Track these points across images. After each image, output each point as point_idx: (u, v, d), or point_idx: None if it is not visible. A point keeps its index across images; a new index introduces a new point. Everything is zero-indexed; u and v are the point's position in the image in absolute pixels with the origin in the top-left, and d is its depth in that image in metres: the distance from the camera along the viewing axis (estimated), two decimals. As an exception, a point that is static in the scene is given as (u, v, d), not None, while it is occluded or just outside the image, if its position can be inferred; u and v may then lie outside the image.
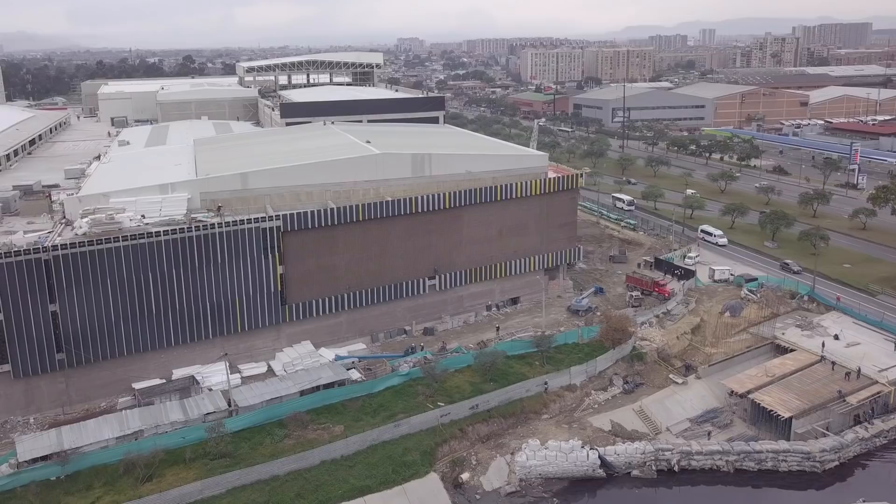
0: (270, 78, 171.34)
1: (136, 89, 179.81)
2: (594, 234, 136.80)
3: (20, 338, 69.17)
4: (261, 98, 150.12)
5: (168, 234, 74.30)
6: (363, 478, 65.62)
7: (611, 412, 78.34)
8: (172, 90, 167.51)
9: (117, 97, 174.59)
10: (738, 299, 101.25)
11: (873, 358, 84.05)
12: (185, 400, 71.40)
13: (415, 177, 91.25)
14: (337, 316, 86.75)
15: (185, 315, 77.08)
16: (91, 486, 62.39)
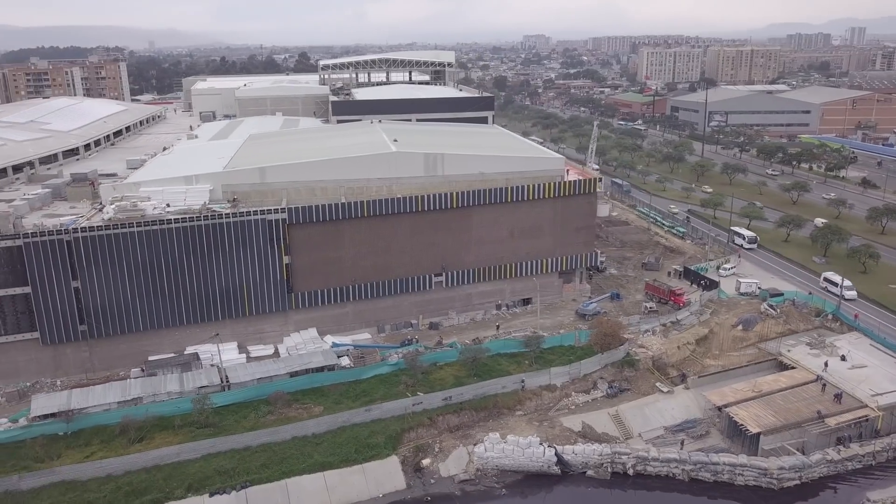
0: (346, 75, 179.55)
1: (227, 85, 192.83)
2: (640, 240, 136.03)
3: (46, 309, 79.09)
4: (331, 95, 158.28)
5: (180, 222, 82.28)
6: (326, 455, 70.83)
7: (585, 414, 79.70)
8: (253, 87, 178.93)
9: (208, 93, 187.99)
10: (757, 313, 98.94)
11: (874, 382, 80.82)
12: (185, 374, 79.16)
13: (427, 176, 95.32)
14: (343, 306, 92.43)
15: (197, 297, 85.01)
16: (90, 443, 70.99)
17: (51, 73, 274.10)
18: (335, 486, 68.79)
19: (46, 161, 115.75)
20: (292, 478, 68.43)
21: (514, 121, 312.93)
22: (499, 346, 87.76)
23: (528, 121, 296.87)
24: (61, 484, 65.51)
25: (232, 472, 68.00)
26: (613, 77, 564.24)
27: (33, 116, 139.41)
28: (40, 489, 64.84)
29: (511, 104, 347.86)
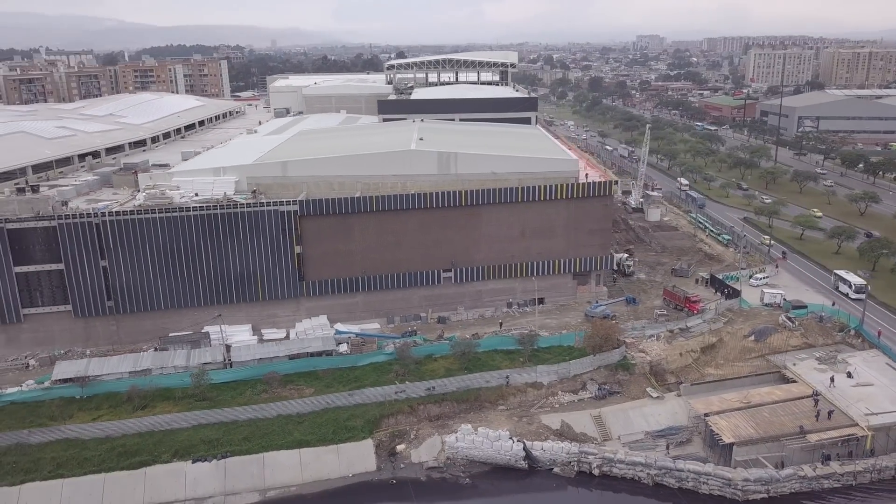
0: (411, 75, 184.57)
1: (304, 83, 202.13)
2: (682, 246, 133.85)
3: (77, 284, 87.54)
4: (392, 94, 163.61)
5: (199, 210, 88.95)
6: (306, 433, 75.38)
7: (567, 413, 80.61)
8: (322, 86, 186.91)
9: (285, 90, 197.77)
10: (774, 325, 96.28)
11: (875, 401, 77.61)
12: (193, 350, 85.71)
13: (440, 174, 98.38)
14: (353, 296, 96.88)
15: (215, 281, 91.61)
16: (100, 407, 78.48)
17: (156, 70, 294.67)
18: (309, 463, 73.20)
19: (113, 151, 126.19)
20: (270, 452, 73.38)
21: (598, 122, 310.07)
22: (496, 342, 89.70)
23: (612, 122, 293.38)
24: (65, 441, 73.08)
25: (216, 443, 73.64)
26: (717, 79, 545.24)
27: (113, 110, 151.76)
28: (47, 444, 72.57)
29: (598, 105, 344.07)
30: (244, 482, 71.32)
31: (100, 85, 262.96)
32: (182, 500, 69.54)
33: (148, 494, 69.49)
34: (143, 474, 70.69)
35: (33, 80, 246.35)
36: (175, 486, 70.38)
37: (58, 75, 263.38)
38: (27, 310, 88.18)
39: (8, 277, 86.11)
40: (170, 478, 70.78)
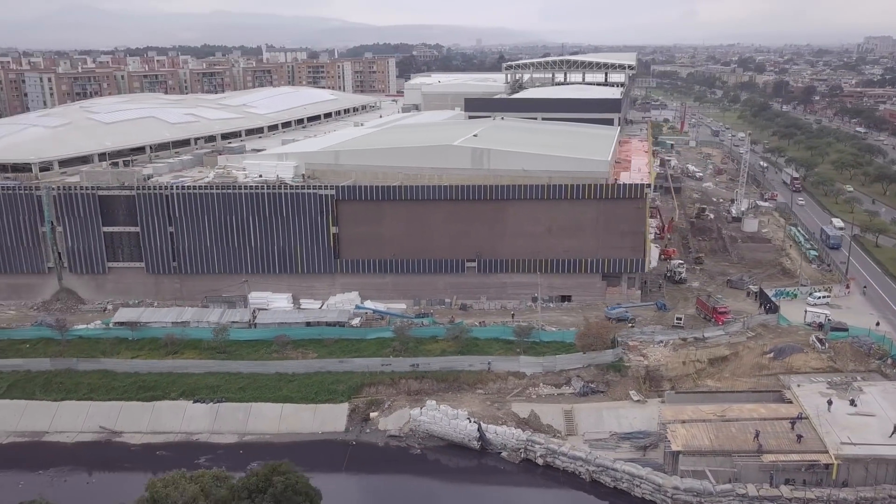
0: (528, 75, 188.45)
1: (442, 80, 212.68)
2: (764, 258, 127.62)
3: (149, 246, 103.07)
4: (503, 92, 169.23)
5: (248, 190, 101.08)
6: (293, 391, 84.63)
7: (539, 405, 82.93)
8: (441, 84, 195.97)
9: (416, 88, 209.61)
10: (800, 345, 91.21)
11: (864, 432, 72.39)
12: (228, 310, 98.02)
13: (474, 168, 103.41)
14: (383, 277, 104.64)
15: (261, 252, 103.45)
16: (142, 348, 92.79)
17: (326, 67, 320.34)
18: (287, 417, 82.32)
19: (229, 136, 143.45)
20: (257, 403, 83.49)
21: (758, 129, 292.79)
22: (497, 332, 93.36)
23: (770, 129, 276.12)
24: (102, 371, 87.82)
25: (216, 389, 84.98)
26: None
27: (247, 100, 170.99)
28: (88, 372, 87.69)
29: (765, 111, 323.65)
30: (229, 425, 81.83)
31: (272, 79, 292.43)
32: (175, 433, 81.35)
33: (151, 424, 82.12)
34: (152, 406, 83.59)
35: (214, 74, 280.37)
36: (174, 420, 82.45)
37: (236, 70, 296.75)
38: (111, 263, 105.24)
39: (97, 235, 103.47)
40: (172, 412, 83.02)
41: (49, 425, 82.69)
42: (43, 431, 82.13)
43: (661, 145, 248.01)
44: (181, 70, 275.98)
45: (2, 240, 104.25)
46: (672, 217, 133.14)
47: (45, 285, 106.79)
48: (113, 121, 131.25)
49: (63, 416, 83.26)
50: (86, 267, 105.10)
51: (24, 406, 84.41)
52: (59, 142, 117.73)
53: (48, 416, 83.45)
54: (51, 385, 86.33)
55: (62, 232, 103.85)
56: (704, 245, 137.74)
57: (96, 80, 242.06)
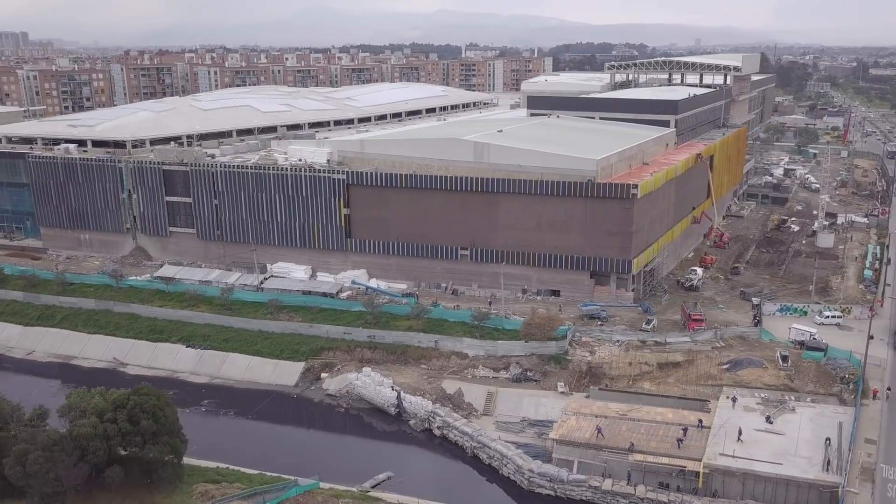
0: (632, 76, 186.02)
1: (560, 80, 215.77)
2: (813, 274, 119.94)
3: (199, 215, 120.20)
4: (596, 93, 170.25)
5: (273, 171, 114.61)
6: (264, 346, 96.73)
7: (469, 384, 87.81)
8: (544, 83, 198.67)
9: (534, 85, 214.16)
10: (761, 359, 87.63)
11: (755, 448, 70.22)
12: (244, 274, 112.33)
13: (476, 161, 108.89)
14: (388, 258, 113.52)
15: (285, 227, 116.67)
16: (171, 299, 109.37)
17: (477, 65, 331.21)
18: (251, 368, 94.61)
19: (317, 126, 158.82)
20: (232, 353, 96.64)
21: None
22: (465, 316, 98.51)
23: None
24: (129, 314, 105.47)
25: (206, 338, 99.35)
26: None
27: (352, 94, 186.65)
28: (120, 314, 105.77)
29: None
30: (206, 369, 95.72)
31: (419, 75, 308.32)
32: (165, 369, 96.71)
33: (149, 360, 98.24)
34: (155, 346, 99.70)
35: (363, 70, 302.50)
36: (167, 360, 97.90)
37: (385, 67, 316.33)
38: (172, 228, 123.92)
39: (162, 203, 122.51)
40: (167, 353, 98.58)
41: (79, 352, 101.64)
42: (73, 356, 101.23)
43: (804, 154, 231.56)
44: (333, 66, 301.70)
45: (93, 203, 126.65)
46: (712, 225, 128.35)
47: (123, 243, 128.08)
48: (210, 108, 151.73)
49: (90, 347, 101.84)
50: (153, 230, 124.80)
51: (67, 335, 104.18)
52: (157, 124, 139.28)
53: (80, 345, 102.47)
54: (90, 321, 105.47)
55: (136, 199, 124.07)
56: (764, 257, 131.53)
57: (255, 73, 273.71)
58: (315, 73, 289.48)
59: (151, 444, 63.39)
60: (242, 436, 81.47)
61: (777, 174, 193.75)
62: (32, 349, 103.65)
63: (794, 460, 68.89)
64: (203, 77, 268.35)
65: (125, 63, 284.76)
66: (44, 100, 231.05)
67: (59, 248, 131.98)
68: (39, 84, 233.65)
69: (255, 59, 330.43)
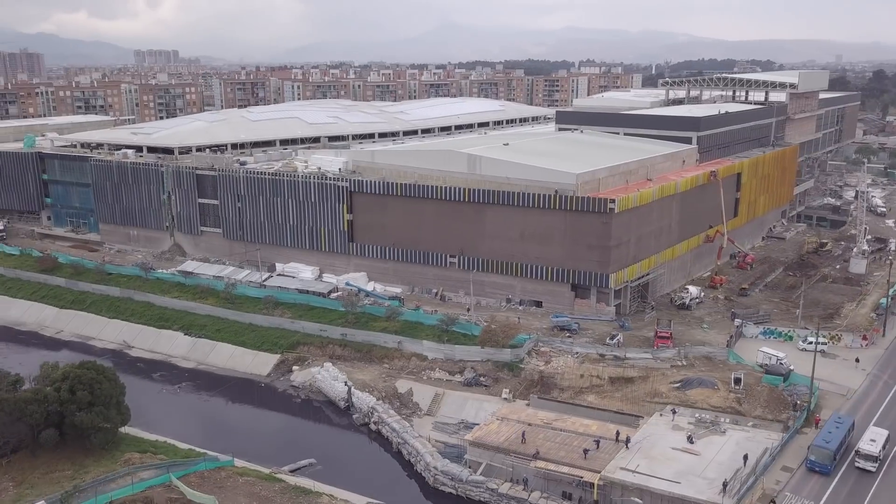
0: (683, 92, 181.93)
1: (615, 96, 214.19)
2: (828, 300, 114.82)
3: (225, 216, 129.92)
4: (643, 110, 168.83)
5: (286, 178, 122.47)
6: (248, 338, 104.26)
7: (421, 385, 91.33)
8: (606, 98, 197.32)
9: (585, 101, 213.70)
10: (714, 380, 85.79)
11: (659, 465, 70.00)
12: (251, 271, 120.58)
13: (469, 172, 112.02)
14: (385, 262, 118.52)
15: (297, 230, 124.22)
16: (186, 291, 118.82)
17: (561, 81, 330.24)
18: (233, 356, 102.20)
19: (360, 137, 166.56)
20: (221, 343, 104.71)
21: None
22: (433, 319, 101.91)
23: None
24: (146, 303, 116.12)
25: (201, 327, 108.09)
26: None
27: (404, 108, 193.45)
28: (138, 301, 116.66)
29: None
30: (196, 355, 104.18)
31: (497, 91, 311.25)
32: (162, 353, 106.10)
33: (151, 344, 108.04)
34: (158, 332, 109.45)
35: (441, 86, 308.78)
36: (166, 345, 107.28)
37: (464, 82, 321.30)
38: (203, 227, 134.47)
39: (195, 205, 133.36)
40: (167, 339, 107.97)
41: (97, 334, 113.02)
42: (91, 337, 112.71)
43: (891, 176, 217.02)
44: (412, 82, 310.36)
45: (140, 202, 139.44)
46: (721, 245, 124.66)
47: (163, 240, 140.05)
48: (258, 119, 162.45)
49: (107, 329, 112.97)
50: (187, 228, 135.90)
51: (91, 318, 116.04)
52: (205, 133, 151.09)
53: (100, 327, 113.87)
54: (112, 307, 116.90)
55: (175, 200, 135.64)
56: (788, 280, 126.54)
57: (336, 88, 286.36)
58: (394, 89, 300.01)
59: (85, 413, 71.08)
60: (198, 416, 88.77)
61: (847, 196, 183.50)
62: (62, 329, 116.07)
63: (695, 481, 68.03)
64: (288, 91, 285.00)
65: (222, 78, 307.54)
66: (142, 111, 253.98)
67: (113, 242, 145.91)
68: (139, 96, 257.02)
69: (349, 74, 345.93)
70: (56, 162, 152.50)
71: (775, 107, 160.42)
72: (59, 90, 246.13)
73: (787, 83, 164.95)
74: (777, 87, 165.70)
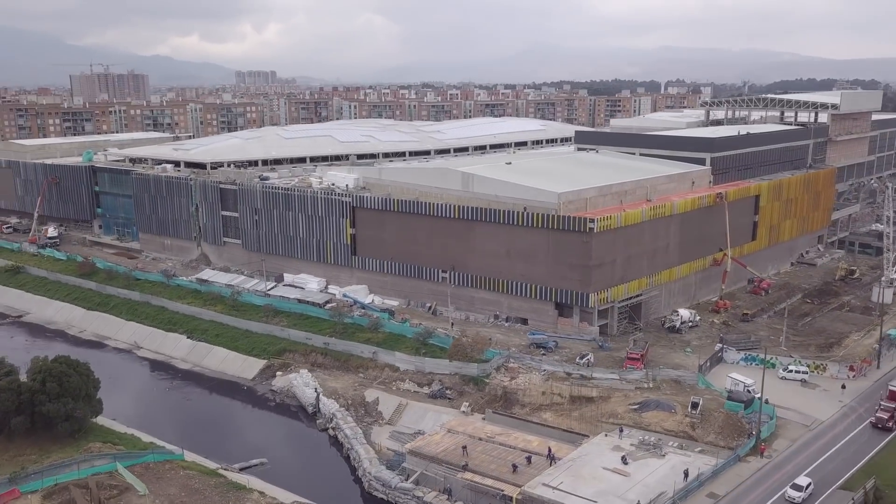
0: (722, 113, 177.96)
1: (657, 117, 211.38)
2: (834, 329, 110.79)
3: (244, 228, 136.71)
4: (677, 130, 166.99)
5: (297, 193, 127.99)
6: (242, 344, 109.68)
7: (388, 395, 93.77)
8: (647, 119, 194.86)
9: (621, 121, 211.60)
10: (671, 404, 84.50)
11: (581, 483, 69.95)
12: (259, 281, 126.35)
13: (462, 190, 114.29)
14: (385, 276, 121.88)
15: (306, 242, 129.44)
16: (199, 297, 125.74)
17: (623, 101, 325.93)
18: (226, 360, 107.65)
19: (390, 155, 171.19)
20: (217, 347, 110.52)
21: None
22: (412, 331, 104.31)
23: None
24: (160, 307, 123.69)
25: (203, 332, 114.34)
26: None
27: (441, 128, 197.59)
28: (154, 306, 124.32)
29: None
30: (194, 357, 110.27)
31: (555, 111, 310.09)
32: (164, 355, 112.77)
33: (157, 345, 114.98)
34: (165, 335, 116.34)
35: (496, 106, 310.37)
36: (170, 346, 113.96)
37: (521, 102, 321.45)
38: (226, 238, 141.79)
39: (218, 217, 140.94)
40: (172, 341, 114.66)
41: (114, 334, 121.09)
42: (108, 337, 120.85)
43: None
44: (468, 102, 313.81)
45: (172, 214, 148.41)
46: (726, 270, 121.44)
47: (192, 249, 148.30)
48: (292, 137, 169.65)
49: (122, 330, 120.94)
50: (212, 239, 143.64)
51: (110, 320, 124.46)
52: (239, 150, 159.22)
53: (116, 328, 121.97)
54: (131, 310, 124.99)
55: (201, 212, 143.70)
56: (804, 307, 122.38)
57: (391, 107, 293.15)
58: (449, 108, 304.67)
59: (52, 403, 77.22)
60: (175, 413, 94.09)
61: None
62: (85, 329, 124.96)
63: (613, 501, 67.73)
64: (346, 110, 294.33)
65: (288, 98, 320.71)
66: (206, 128, 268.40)
67: (150, 250, 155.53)
68: (203, 115, 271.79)
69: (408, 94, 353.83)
70: (106, 175, 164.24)
71: (812, 128, 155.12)
72: (129, 108, 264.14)
73: (828, 104, 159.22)
74: (820, 108, 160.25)
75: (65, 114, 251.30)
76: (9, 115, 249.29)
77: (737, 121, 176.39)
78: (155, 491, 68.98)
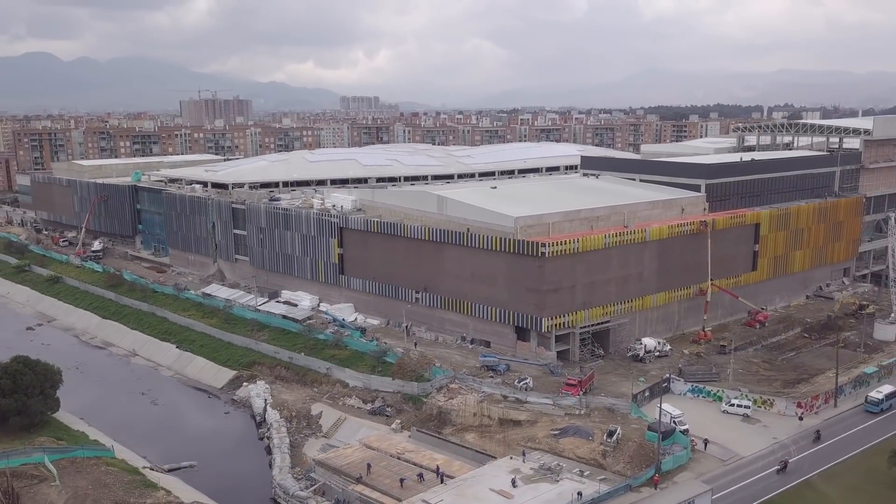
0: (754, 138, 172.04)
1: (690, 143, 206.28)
2: (814, 364, 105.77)
3: (251, 245, 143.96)
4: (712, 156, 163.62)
5: (293, 213, 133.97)
6: (220, 354, 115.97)
7: (332, 409, 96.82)
8: (680, 145, 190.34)
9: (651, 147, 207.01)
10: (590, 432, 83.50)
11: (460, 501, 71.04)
12: (252, 294, 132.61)
13: (438, 212, 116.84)
14: (368, 295, 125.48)
15: (300, 260, 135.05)
16: (201, 309, 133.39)
17: (689, 126, 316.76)
18: (203, 369, 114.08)
19: (412, 179, 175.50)
20: (198, 357, 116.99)
21: None
22: (364, 347, 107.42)
23: None
24: (163, 318, 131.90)
25: (192, 342, 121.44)
26: None
27: (471, 153, 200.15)
28: (158, 317, 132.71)
29: None
30: (177, 366, 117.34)
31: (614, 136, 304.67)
32: (154, 363, 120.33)
33: (150, 353, 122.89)
34: (159, 344, 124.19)
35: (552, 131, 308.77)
36: (161, 355, 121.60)
37: (578, 127, 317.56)
38: (237, 255, 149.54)
39: (231, 234, 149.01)
40: (164, 350, 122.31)
41: (118, 341, 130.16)
42: (112, 344, 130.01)
43: None
44: (522, 127, 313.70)
45: (194, 231, 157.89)
46: (707, 300, 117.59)
47: (209, 264, 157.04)
48: (316, 160, 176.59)
49: (126, 338, 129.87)
50: (226, 255, 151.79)
51: (118, 328, 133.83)
52: (263, 172, 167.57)
53: (122, 336, 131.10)
54: (138, 319, 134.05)
55: (217, 230, 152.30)
56: (799, 342, 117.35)
57: (444, 132, 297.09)
58: (502, 133, 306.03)
59: (5, 399, 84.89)
60: (136, 415, 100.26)
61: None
62: (96, 335, 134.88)
63: (487, 521, 68.01)
64: (400, 134, 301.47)
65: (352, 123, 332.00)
66: (263, 151, 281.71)
67: (178, 265, 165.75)
68: (262, 139, 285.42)
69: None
70: (145, 193, 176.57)
71: (839, 155, 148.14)
72: (194, 132, 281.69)
73: (860, 129, 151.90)
74: (850, 133, 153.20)
75: (134, 137, 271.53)
76: (92, 137, 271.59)
77: (776, 147, 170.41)
78: (66, 483, 74.55)
